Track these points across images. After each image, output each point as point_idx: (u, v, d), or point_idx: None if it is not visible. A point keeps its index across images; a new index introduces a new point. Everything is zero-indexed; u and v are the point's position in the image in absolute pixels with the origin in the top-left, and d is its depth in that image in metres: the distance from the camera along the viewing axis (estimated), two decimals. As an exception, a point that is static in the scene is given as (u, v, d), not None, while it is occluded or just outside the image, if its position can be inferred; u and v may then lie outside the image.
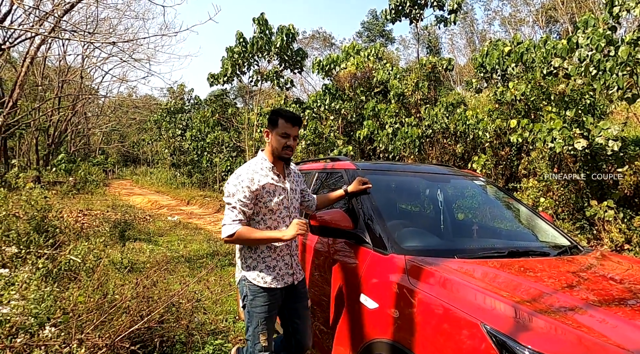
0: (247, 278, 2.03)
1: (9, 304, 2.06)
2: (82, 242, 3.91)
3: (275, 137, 2.06)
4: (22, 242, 3.34)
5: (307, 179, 2.89)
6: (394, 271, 1.62)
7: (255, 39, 11.61)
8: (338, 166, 2.53)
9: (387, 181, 2.48)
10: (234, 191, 2.00)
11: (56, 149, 25.91)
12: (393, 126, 11.68)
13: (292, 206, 2.13)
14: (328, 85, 13.16)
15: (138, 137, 37.28)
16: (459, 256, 1.71)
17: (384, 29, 39.57)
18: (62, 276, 3.30)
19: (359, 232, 1.93)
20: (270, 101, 19.43)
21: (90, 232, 5.69)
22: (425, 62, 11.24)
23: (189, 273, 4.38)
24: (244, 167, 2.09)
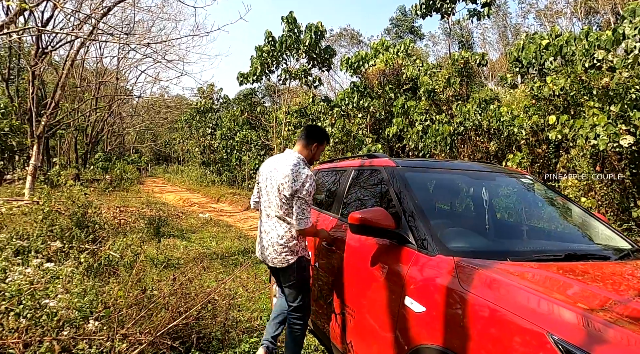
0: (304, 256, 2.50)
1: (56, 297, 2.13)
2: (120, 238, 4.01)
3: (319, 151, 2.59)
4: (65, 237, 3.46)
5: (342, 177, 2.83)
6: (442, 274, 1.54)
7: (284, 37, 11.65)
8: (376, 163, 2.45)
9: (429, 179, 2.39)
10: (313, 191, 2.41)
11: (93, 148, 27.01)
12: (423, 123, 11.45)
13: None
14: (356, 83, 13.04)
15: (170, 136, 38.35)
16: (512, 258, 1.61)
17: (412, 25, 38.90)
18: (102, 270, 3.39)
19: (401, 231, 1.85)
20: (298, 99, 19.49)
21: (127, 228, 5.86)
22: (458, 57, 10.93)
23: (222, 270, 4.42)
24: (306, 169, 2.47)
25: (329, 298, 2.46)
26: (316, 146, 2.55)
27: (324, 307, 2.55)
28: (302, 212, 2.36)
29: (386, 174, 2.21)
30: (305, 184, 2.35)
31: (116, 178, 15.83)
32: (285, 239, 2.43)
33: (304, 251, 2.49)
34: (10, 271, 2.23)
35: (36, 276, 2.25)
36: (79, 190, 8.69)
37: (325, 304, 2.50)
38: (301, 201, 2.35)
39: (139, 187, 18.19)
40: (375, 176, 2.42)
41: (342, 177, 2.84)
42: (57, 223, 3.82)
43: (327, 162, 3.59)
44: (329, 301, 2.45)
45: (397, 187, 2.08)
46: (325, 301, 2.51)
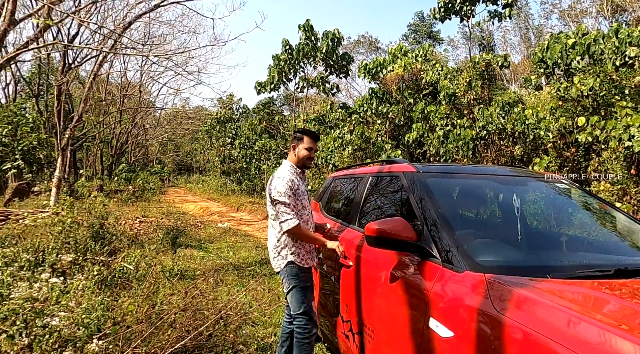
0: (294, 262, 2.51)
1: (59, 315, 2.04)
2: (136, 250, 3.95)
3: (302, 150, 2.62)
4: (79, 250, 3.42)
5: (360, 184, 2.68)
6: (471, 293, 1.35)
7: (301, 45, 11.63)
8: (395, 169, 2.28)
9: (453, 185, 2.18)
10: (283, 190, 2.45)
11: (118, 159, 27.73)
12: (444, 128, 11.17)
13: (309, 205, 2.68)
14: (374, 89, 12.88)
15: (191, 147, 39.01)
16: (553, 275, 1.41)
17: (431, 30, 38.53)
18: (115, 283, 3.33)
19: (423, 244, 1.67)
20: (316, 107, 19.45)
21: (145, 239, 5.84)
22: (479, 59, 10.64)
23: (237, 282, 4.30)
24: (284, 172, 2.57)
25: (346, 315, 2.29)
26: (294, 146, 2.66)
27: (341, 324, 2.37)
28: (281, 215, 2.44)
29: (406, 180, 2.03)
30: (272, 184, 2.49)
31: (139, 189, 16.09)
32: (274, 244, 2.58)
33: (295, 257, 2.51)
34: (14, 287, 2.17)
35: (41, 292, 2.18)
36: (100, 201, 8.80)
37: (343, 321, 2.33)
38: (276, 203, 2.45)
39: (161, 197, 18.45)
40: (394, 183, 2.25)
41: (359, 185, 2.68)
42: (73, 235, 3.80)
43: (344, 169, 3.43)
44: (346, 319, 2.27)
45: (418, 194, 1.90)
46: (343, 318, 2.33)
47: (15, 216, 7.68)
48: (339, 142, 13.35)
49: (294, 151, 2.64)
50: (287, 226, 2.42)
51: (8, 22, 7.62)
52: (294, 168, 2.62)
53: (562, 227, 2.16)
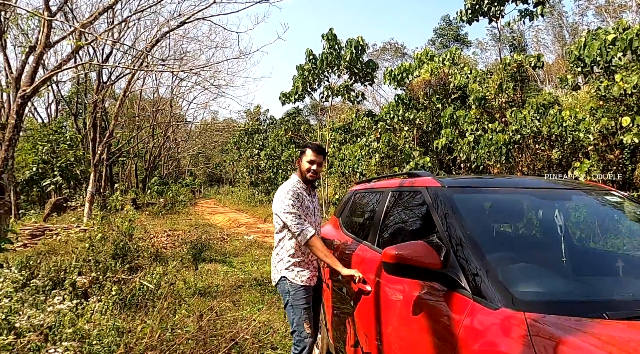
0: (287, 277, 2.45)
1: (63, 345, 1.96)
2: (158, 267, 3.90)
3: (304, 163, 2.56)
4: (99, 269, 3.40)
5: (380, 199, 2.49)
6: (509, 339, 1.11)
7: (325, 54, 11.57)
8: (418, 183, 2.05)
9: (483, 201, 1.92)
10: (290, 202, 2.39)
11: (151, 172, 28.61)
12: (474, 133, 10.75)
13: (316, 221, 2.58)
14: (401, 95, 12.61)
15: (221, 158, 39.80)
16: (611, 313, 1.14)
17: (458, 33, 37.74)
18: (136, 302, 3.27)
19: (449, 272, 1.43)
20: (343, 115, 19.33)
21: (170, 254, 5.84)
22: (510, 61, 10.19)
23: (259, 299, 4.17)
24: (287, 184, 2.53)
25: (366, 345, 2.07)
26: (299, 161, 2.62)
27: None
28: (294, 226, 2.35)
29: (429, 196, 1.81)
30: (275, 197, 2.47)
31: (169, 201, 16.45)
32: (274, 256, 2.57)
33: (288, 273, 2.46)
34: (21, 314, 2.12)
35: (48, 319, 2.12)
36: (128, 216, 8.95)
37: (363, 353, 2.11)
38: (285, 215, 2.37)
39: (191, 209, 18.78)
40: (416, 199, 2.03)
41: (379, 200, 2.49)
42: (93, 254, 3.80)
43: (365, 181, 3.24)
44: (366, 352, 2.06)
45: (443, 212, 1.67)
46: (362, 349, 2.12)
47: (50, 232, 7.91)
48: (366, 151, 13.12)
49: (299, 166, 2.61)
50: (303, 238, 2.33)
51: (44, 44, 7.97)
52: (300, 182, 2.57)
53: (615, 248, 1.86)
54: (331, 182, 16.36)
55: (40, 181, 13.06)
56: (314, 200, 2.63)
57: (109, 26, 8.78)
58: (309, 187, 2.62)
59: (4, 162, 7.32)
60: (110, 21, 13.10)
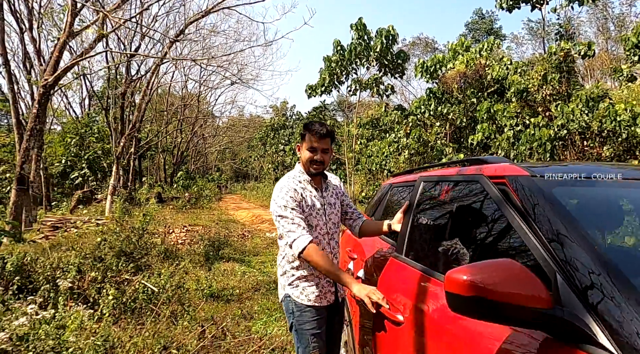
0: (290, 295, 1.97)
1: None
2: (168, 266, 3.54)
3: (304, 152, 2.01)
4: (98, 268, 3.07)
5: (431, 194, 1.92)
6: None
7: (353, 45, 11.04)
8: (488, 172, 1.40)
9: (602, 199, 1.32)
10: (282, 202, 1.89)
11: (179, 167, 28.93)
12: (514, 128, 9.98)
13: (330, 221, 2.04)
14: (433, 89, 11.93)
15: (247, 154, 39.96)
16: None
17: (491, 27, 36.13)
18: (138, 306, 2.91)
19: (567, 315, 0.87)
20: (370, 111, 18.73)
21: (185, 250, 5.53)
22: (556, 49, 9.34)
23: (277, 305, 3.75)
24: (286, 179, 2.02)
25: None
26: (298, 147, 2.08)
27: None
28: (287, 234, 1.85)
29: (513, 190, 1.24)
30: (273, 196, 1.97)
31: (194, 196, 16.39)
32: (277, 269, 2.10)
33: (292, 289, 1.96)
34: None
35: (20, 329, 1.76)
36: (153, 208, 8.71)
37: None
38: (278, 218, 1.89)
39: (217, 204, 18.71)
40: (482, 195, 1.42)
41: (431, 196, 1.95)
42: (99, 250, 3.48)
43: (405, 172, 2.63)
44: None
45: (542, 215, 1.09)
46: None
47: (70, 224, 7.79)
48: (394, 147, 12.54)
49: (299, 153, 2.06)
50: (296, 248, 1.81)
51: (67, 33, 7.83)
52: (302, 174, 2.03)
53: None
54: (357, 180, 15.84)
55: (69, 173, 13.21)
56: (324, 195, 2.05)
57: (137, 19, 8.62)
58: (318, 180, 2.07)
59: (25, 153, 7.22)
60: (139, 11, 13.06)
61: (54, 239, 6.44)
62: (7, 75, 8.80)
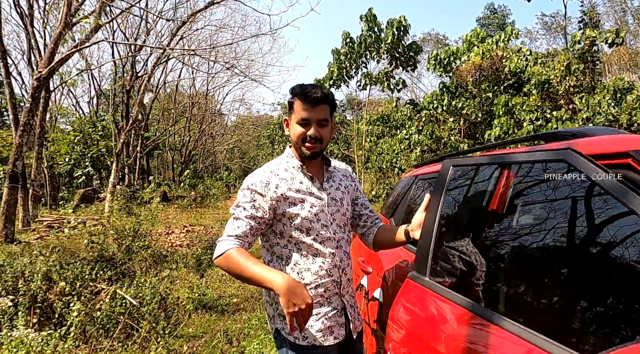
0: (280, 331, 1.42)
1: None
2: (153, 274, 3.11)
3: (293, 126, 1.46)
4: (67, 277, 2.65)
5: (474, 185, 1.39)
6: None
7: (363, 36, 10.55)
8: (594, 147, 0.93)
9: None
10: (239, 198, 1.44)
11: (187, 166, 28.73)
12: (534, 122, 9.40)
13: (334, 223, 1.47)
14: (446, 83, 11.39)
15: (255, 153, 39.67)
16: None
17: (504, 22, 35.30)
18: (111, 323, 2.48)
19: None
20: (380, 108, 18.20)
21: (183, 253, 5.12)
22: (581, 38, 8.74)
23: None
24: (258, 171, 1.49)
25: None
26: (286, 121, 1.52)
27: None
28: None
29: None
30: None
31: (200, 195, 16.07)
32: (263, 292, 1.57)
33: (281, 322, 1.40)
34: None
35: None
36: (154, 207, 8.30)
37: None
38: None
39: (224, 203, 18.39)
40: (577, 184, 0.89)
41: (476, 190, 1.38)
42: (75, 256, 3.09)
43: (432, 161, 2.01)
44: None
45: None
46: None
47: (67, 224, 7.45)
48: (405, 144, 12.03)
49: (287, 130, 1.53)
50: (215, 253, 1.36)
51: (63, 24, 7.47)
52: (292, 159, 1.49)
53: None
54: (367, 178, 15.36)
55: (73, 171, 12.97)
56: (326, 187, 1.49)
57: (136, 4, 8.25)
58: (315, 166, 1.51)
59: (18, 149, 6.88)
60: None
61: (47, 240, 6.08)
62: (5, 69, 8.52)
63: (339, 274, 1.45)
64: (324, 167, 1.54)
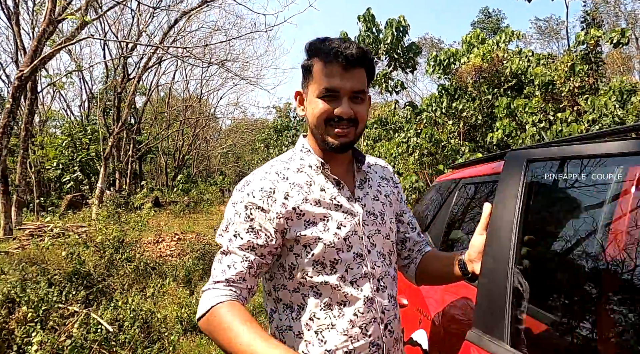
0: None
1: None
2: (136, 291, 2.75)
3: (311, 103, 0.97)
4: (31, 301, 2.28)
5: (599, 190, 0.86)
6: None
7: (362, 37, 10.28)
8: None
9: None
10: (231, 215, 0.98)
11: (180, 171, 28.29)
12: (537, 125, 9.16)
13: (373, 251, 0.98)
14: (445, 85, 11.15)
15: (250, 157, 39.31)
16: None
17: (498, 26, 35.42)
18: (87, 349, 2.12)
19: None
20: (376, 112, 17.93)
21: (173, 263, 4.75)
22: (585, 38, 8.52)
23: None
24: (262, 168, 1.02)
25: None
26: (300, 95, 1.05)
27: None
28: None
29: None
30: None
31: (194, 200, 15.66)
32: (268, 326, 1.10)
33: None
34: None
35: None
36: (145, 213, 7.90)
37: None
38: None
39: (218, 208, 17.99)
40: None
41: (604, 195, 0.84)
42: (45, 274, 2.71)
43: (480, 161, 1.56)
44: None
45: None
46: None
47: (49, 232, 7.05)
48: (404, 148, 11.74)
49: (302, 111, 1.05)
50: (197, 316, 0.94)
51: (47, 21, 7.10)
52: (309, 155, 1.03)
53: None
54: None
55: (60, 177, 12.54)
56: (360, 196, 1.03)
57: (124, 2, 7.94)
58: (343, 163, 1.05)
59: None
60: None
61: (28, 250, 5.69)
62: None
63: (380, 333, 0.96)
64: (354, 166, 1.07)
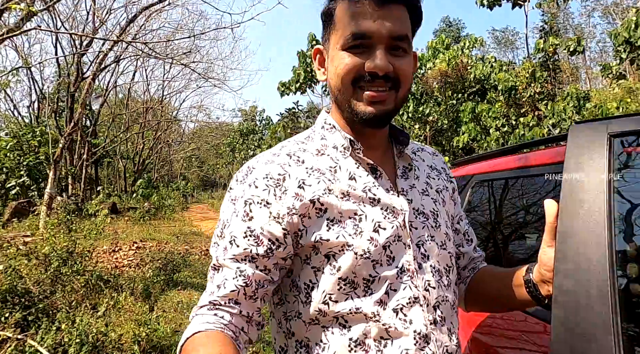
0: None
1: None
2: (86, 308, 2.41)
3: (334, 58, 0.68)
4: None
5: None
6: None
7: (329, 39, 10.17)
8: None
9: None
10: (227, 214, 0.73)
11: (140, 175, 27.04)
12: (500, 129, 9.42)
13: (426, 265, 0.66)
14: (411, 90, 11.29)
15: (215, 162, 38.36)
16: None
17: (459, 35, 36.85)
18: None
19: None
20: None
21: (131, 275, 4.35)
22: (544, 45, 8.85)
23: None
24: (272, 150, 0.74)
25: None
26: (319, 53, 0.76)
27: None
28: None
29: None
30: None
31: (155, 206, 14.92)
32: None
33: None
34: None
35: None
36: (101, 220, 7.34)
37: None
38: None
39: (181, 214, 17.28)
40: None
41: None
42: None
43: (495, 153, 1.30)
44: None
45: None
46: None
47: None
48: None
49: (324, 75, 0.75)
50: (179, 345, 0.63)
51: (-13, 12, 6.46)
52: (333, 132, 0.74)
53: None
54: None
55: (4, 182, 11.52)
56: (404, 188, 0.73)
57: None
58: (384, 142, 0.77)
59: None
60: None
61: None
62: None
63: None
64: (394, 149, 0.78)
